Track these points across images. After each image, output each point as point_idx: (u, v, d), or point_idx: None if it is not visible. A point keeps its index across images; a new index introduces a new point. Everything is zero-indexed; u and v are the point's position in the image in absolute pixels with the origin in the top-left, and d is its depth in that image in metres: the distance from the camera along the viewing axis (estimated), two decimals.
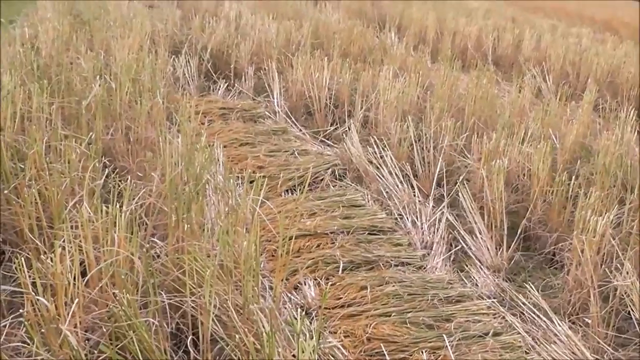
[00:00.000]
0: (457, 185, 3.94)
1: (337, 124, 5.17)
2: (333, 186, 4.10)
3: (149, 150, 3.68)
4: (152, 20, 7.13)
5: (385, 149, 4.38)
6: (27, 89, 3.82)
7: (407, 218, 3.74)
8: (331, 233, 3.43)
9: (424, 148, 4.35)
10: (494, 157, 3.94)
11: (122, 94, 4.10)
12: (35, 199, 2.66)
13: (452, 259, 3.44)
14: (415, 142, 4.38)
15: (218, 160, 3.98)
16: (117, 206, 2.43)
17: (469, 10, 12.84)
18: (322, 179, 4.11)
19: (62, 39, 5.62)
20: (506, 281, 3.27)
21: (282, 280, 2.72)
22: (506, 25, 10.13)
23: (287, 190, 3.96)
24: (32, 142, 3.03)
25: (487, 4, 15.14)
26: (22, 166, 2.98)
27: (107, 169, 3.24)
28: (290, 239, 3.01)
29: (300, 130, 4.99)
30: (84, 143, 3.25)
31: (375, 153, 4.35)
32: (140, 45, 5.68)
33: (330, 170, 4.24)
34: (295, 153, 4.39)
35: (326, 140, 4.91)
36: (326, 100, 5.23)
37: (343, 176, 4.25)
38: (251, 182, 3.71)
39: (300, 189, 3.95)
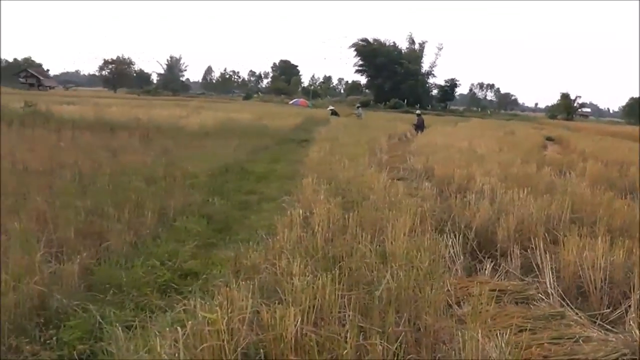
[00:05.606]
0: None
1: (613, 306, 5.02)
2: None
3: (437, 341, 3.86)
4: (415, 199, 7.55)
5: None
6: (311, 274, 4.17)
7: None
8: None
9: None
10: None
11: (407, 282, 4.33)
12: None
13: None
14: None
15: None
16: None
17: None
18: None
19: (338, 222, 6.15)
20: None
21: None
22: None
23: None
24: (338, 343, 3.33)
25: None
26: None
27: None
28: None
29: (577, 313, 4.89)
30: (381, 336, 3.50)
31: None
32: (411, 227, 5.98)
33: None
34: (580, 340, 4.30)
35: (605, 325, 4.77)
36: (601, 281, 5.13)
37: None
38: None
39: None
